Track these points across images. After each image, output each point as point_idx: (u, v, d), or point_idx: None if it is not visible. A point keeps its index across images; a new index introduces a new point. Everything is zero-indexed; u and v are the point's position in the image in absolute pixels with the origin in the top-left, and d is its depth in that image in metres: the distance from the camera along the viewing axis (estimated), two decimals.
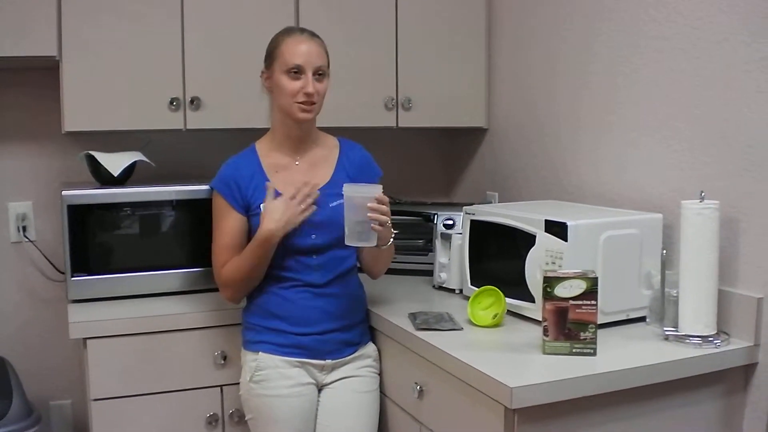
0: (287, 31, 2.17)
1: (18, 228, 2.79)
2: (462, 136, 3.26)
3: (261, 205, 2.13)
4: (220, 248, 2.18)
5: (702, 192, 1.93)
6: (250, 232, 2.17)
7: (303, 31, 2.16)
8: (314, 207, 2.08)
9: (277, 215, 2.05)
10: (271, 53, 2.16)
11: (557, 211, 2.23)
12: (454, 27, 2.95)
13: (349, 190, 2.00)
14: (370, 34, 2.82)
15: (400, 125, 2.90)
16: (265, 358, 2.14)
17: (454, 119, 3.02)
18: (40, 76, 2.69)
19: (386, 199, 2.01)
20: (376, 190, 2.01)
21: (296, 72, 2.10)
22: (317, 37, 2.16)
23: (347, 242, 2.01)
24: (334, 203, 2.16)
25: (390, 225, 2.08)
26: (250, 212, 2.16)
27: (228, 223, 2.17)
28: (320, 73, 2.13)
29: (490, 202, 2.98)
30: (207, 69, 2.61)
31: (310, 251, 2.15)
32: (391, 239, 2.13)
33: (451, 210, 2.66)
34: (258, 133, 2.31)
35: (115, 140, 2.69)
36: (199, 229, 2.56)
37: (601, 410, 1.76)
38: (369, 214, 1.97)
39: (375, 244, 2.02)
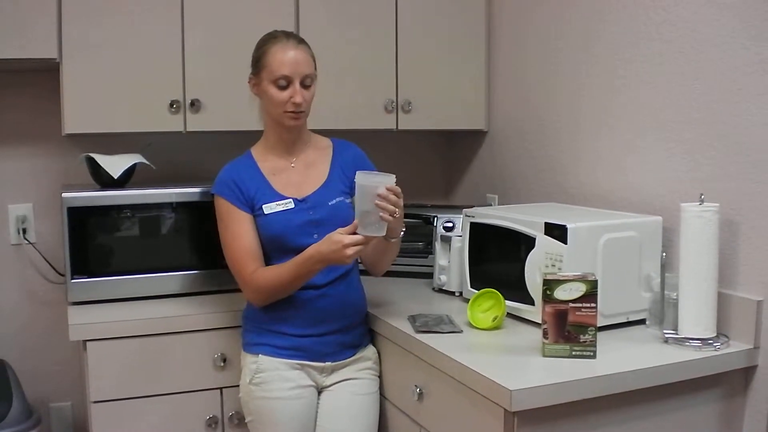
0: (272, 38, 2.14)
1: (18, 230, 2.79)
2: (462, 138, 3.26)
3: (264, 206, 2.13)
4: (240, 253, 2.14)
5: (701, 194, 1.93)
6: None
7: (288, 36, 2.14)
8: (357, 256, 2.02)
9: (329, 248, 1.99)
10: (258, 60, 2.15)
11: (557, 213, 2.23)
12: (453, 29, 2.95)
13: (361, 178, 1.96)
14: (370, 36, 2.83)
15: (399, 128, 2.90)
16: (264, 361, 2.14)
17: (454, 122, 3.02)
18: (41, 78, 2.69)
19: (398, 189, 1.97)
20: (389, 179, 1.96)
21: (284, 83, 2.09)
22: (303, 43, 2.15)
23: (358, 231, 1.97)
24: (333, 201, 2.17)
25: (401, 217, 2.06)
26: (255, 212, 2.16)
27: (239, 224, 2.15)
28: (307, 81, 2.12)
29: (490, 205, 2.98)
30: (207, 71, 2.61)
31: None
32: (402, 233, 2.11)
33: (450, 212, 2.65)
34: (257, 135, 2.31)
35: (115, 142, 2.69)
36: (199, 231, 2.57)
37: (601, 413, 1.76)
38: (377, 202, 1.93)
39: (384, 234, 1.99)
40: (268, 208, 2.15)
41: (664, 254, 2.08)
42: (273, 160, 2.23)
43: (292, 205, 2.16)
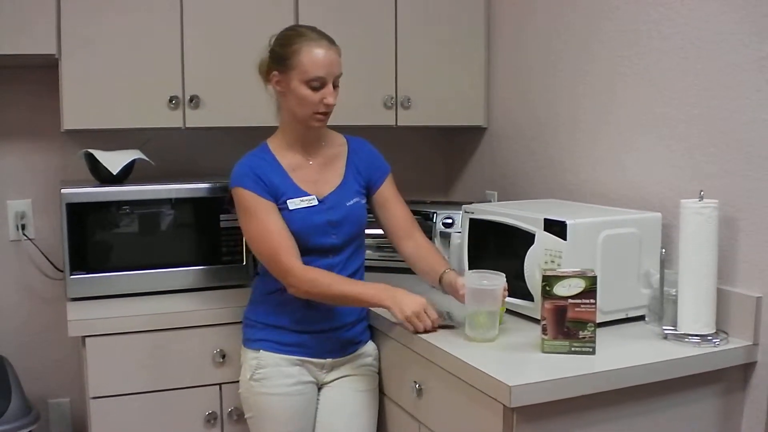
0: (302, 36, 2.07)
1: (17, 226, 2.79)
2: (461, 134, 3.26)
3: (288, 201, 2.09)
4: (278, 244, 2.04)
5: (701, 191, 1.93)
6: None
7: (321, 35, 2.08)
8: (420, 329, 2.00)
9: (402, 301, 2.01)
10: (287, 58, 2.06)
11: (556, 209, 2.23)
12: (453, 26, 2.95)
13: (477, 281, 1.95)
14: (370, 33, 2.82)
15: (399, 124, 2.90)
16: (265, 356, 2.14)
17: (454, 118, 3.02)
18: (40, 74, 2.69)
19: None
20: (502, 279, 1.96)
21: (317, 84, 2.05)
22: (334, 43, 2.10)
23: (470, 334, 1.95)
24: (350, 202, 2.16)
25: None
26: (278, 205, 2.10)
27: (268, 215, 2.06)
28: (337, 81, 2.10)
29: (489, 201, 2.98)
30: (206, 67, 2.60)
31: (329, 251, 2.14)
32: None
33: (450, 209, 2.66)
34: (257, 131, 2.31)
35: (115, 138, 2.69)
36: (198, 227, 2.57)
37: (600, 409, 1.76)
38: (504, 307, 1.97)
39: (491, 339, 1.95)
40: (293, 204, 2.10)
41: (664, 251, 2.08)
42: (291, 157, 2.18)
43: (315, 203, 2.12)
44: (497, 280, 1.95)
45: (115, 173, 2.54)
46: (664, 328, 1.98)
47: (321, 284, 2.05)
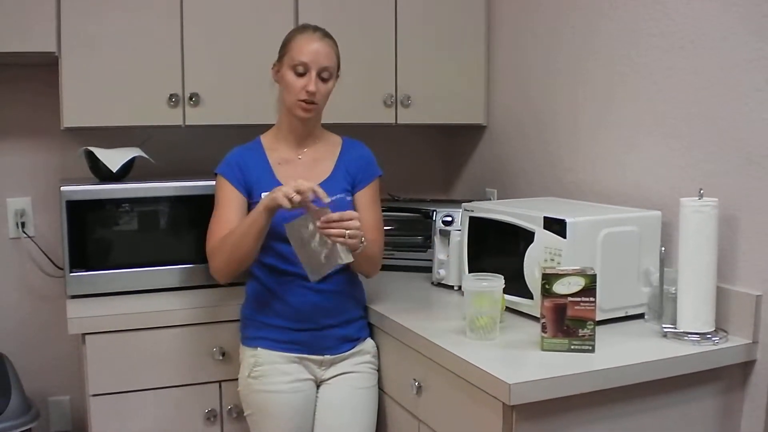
0: (302, 28, 2.19)
1: (17, 224, 2.79)
2: (461, 133, 3.26)
3: (263, 194, 2.10)
4: (215, 221, 2.15)
5: (701, 189, 1.93)
6: None
7: (316, 29, 2.17)
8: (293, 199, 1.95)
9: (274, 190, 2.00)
10: (283, 47, 2.18)
11: (556, 208, 2.23)
12: (453, 24, 2.95)
13: (472, 285, 1.94)
14: (370, 31, 2.82)
15: (399, 122, 2.90)
16: (263, 354, 2.14)
17: (453, 116, 3.02)
18: (40, 72, 2.69)
19: (328, 212, 1.95)
20: (501, 282, 1.95)
21: (301, 69, 2.11)
22: (330, 37, 2.17)
23: (471, 336, 1.93)
24: (334, 197, 2.16)
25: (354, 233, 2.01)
26: (252, 199, 2.15)
27: (228, 200, 2.16)
28: (325, 74, 2.14)
29: (489, 199, 2.98)
30: (206, 65, 2.60)
31: None
32: (361, 245, 2.04)
33: (450, 207, 2.66)
34: (257, 129, 2.31)
35: (114, 136, 2.69)
36: (198, 225, 2.55)
37: (600, 407, 1.76)
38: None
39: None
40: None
41: (663, 249, 2.08)
42: (282, 150, 2.23)
43: None
44: (496, 282, 1.95)
45: (114, 171, 2.54)
46: (664, 326, 1.99)
47: (225, 239, 2.09)
